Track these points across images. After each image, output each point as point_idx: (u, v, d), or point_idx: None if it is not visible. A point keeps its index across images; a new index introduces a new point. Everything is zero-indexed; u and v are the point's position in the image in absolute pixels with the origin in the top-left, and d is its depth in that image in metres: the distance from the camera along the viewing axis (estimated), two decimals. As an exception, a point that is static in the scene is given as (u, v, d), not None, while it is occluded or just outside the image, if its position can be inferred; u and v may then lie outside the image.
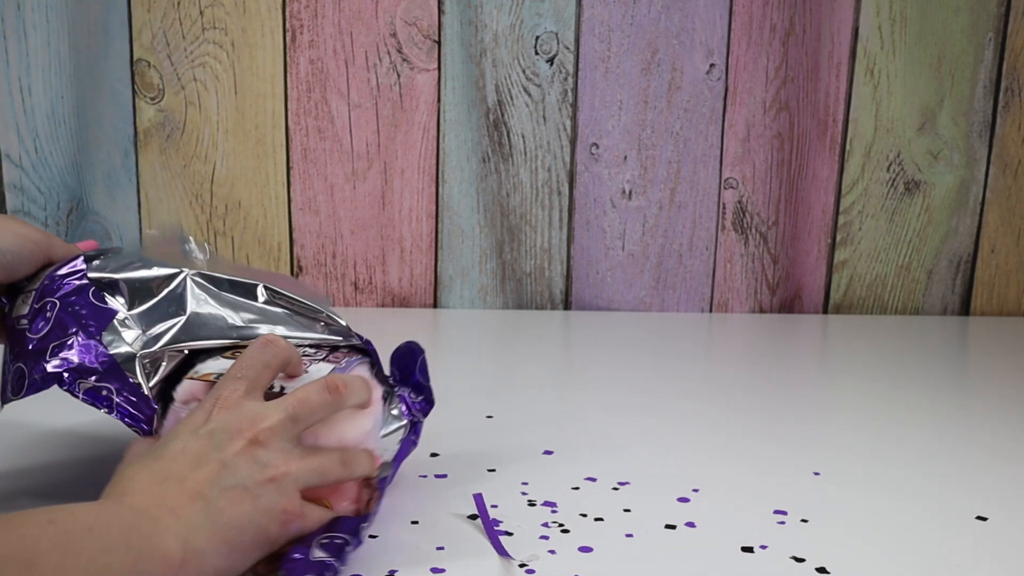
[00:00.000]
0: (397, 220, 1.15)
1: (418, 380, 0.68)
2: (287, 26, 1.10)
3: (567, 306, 1.19)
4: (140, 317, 0.61)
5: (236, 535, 0.51)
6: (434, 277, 1.17)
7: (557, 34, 1.11)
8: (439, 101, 1.13)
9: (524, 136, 1.14)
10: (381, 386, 0.63)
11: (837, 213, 1.18)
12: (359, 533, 0.55)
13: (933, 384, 0.94)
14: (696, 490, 0.68)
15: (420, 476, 0.69)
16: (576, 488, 0.68)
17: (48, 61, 1.07)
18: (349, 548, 0.54)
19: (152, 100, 1.11)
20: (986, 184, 1.19)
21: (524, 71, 1.12)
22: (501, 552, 0.58)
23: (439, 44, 1.11)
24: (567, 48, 1.12)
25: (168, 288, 0.62)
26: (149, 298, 0.62)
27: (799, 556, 0.59)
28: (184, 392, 0.59)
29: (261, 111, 1.12)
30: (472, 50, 1.11)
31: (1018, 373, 0.98)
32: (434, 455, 0.73)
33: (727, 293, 1.19)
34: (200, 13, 1.09)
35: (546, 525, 0.62)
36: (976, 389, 0.94)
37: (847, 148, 1.16)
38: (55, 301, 0.60)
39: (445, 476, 0.69)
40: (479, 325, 1.12)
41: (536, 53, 1.12)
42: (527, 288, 1.18)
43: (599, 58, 1.12)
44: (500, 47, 1.11)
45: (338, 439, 0.58)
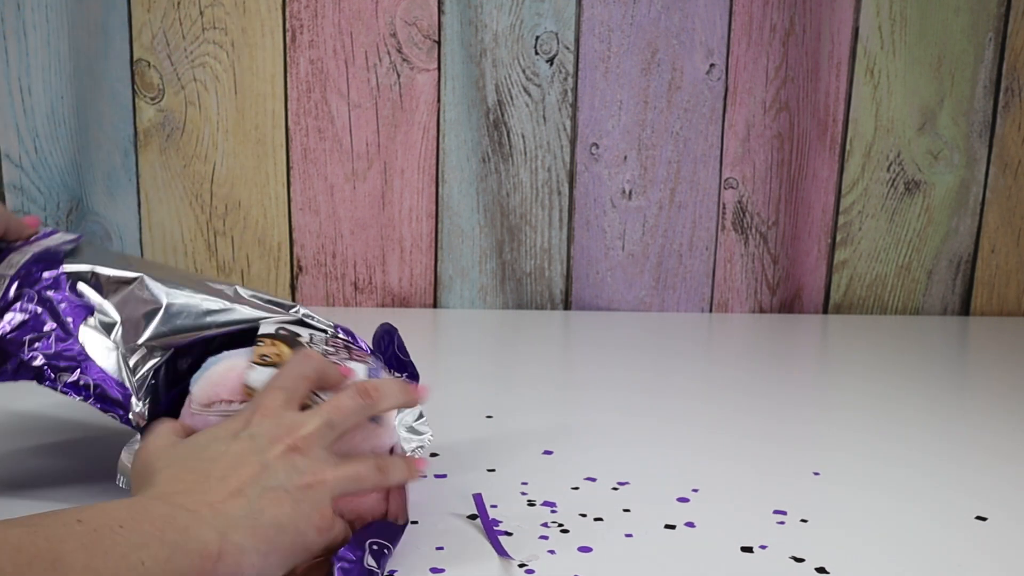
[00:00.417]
0: (397, 220, 1.15)
1: (397, 356, 0.68)
2: (287, 26, 1.10)
3: (567, 306, 1.19)
4: (117, 308, 0.63)
5: (276, 535, 0.50)
6: (434, 277, 1.17)
7: (557, 34, 1.11)
8: (439, 101, 1.13)
9: (524, 136, 1.14)
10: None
11: (837, 213, 1.18)
12: (396, 541, 0.56)
13: (933, 384, 0.94)
14: (696, 490, 0.68)
15: (420, 476, 0.69)
16: (576, 488, 0.68)
17: (48, 61, 1.07)
18: (387, 555, 0.54)
19: (152, 100, 1.11)
20: (986, 184, 1.19)
21: (524, 71, 1.12)
22: (501, 552, 0.58)
23: (439, 44, 1.11)
24: (567, 48, 1.12)
25: (131, 286, 0.64)
26: (124, 288, 0.63)
27: (799, 556, 0.59)
28: (204, 395, 0.59)
29: (261, 111, 1.12)
30: (472, 50, 1.11)
31: (1018, 373, 0.98)
32: (434, 455, 0.73)
33: (727, 293, 1.19)
34: (200, 13, 1.09)
35: (546, 525, 0.62)
36: (976, 389, 0.94)
37: (847, 148, 1.16)
38: (33, 292, 0.61)
39: (445, 476, 0.69)
40: (479, 325, 1.12)
41: (536, 53, 1.12)
42: (527, 288, 1.18)
43: (599, 58, 1.12)
44: (500, 47, 1.11)
45: (369, 446, 0.58)
